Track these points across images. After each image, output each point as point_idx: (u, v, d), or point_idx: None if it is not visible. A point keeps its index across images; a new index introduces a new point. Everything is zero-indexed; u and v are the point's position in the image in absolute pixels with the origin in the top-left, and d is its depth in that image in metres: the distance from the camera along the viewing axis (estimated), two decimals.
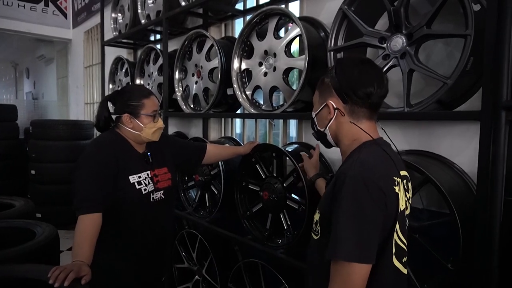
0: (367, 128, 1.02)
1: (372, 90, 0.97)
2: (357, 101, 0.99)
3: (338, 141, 1.08)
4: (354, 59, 1.05)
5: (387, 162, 0.98)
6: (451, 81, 1.20)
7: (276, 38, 1.88)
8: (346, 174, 0.91)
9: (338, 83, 1.00)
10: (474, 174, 1.44)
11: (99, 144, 1.60)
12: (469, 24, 1.16)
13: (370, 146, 0.99)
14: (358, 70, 0.99)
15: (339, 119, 1.03)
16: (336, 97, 1.02)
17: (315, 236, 1.04)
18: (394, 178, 0.94)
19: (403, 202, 0.96)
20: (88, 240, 1.36)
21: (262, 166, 2.02)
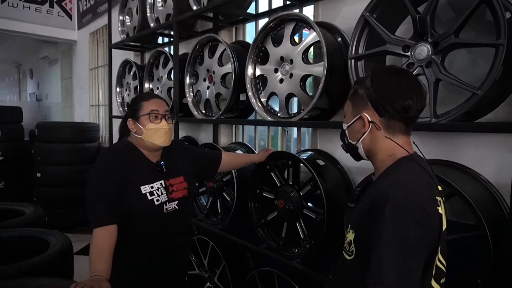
0: (402, 143, 0.97)
1: (410, 103, 0.92)
2: (394, 114, 0.94)
3: (371, 156, 1.02)
4: (391, 69, 1.00)
5: (428, 182, 0.93)
6: (482, 92, 1.17)
7: (293, 44, 1.84)
8: (388, 195, 0.85)
9: (374, 95, 0.95)
10: (499, 185, 1.41)
11: (108, 155, 1.56)
12: (502, 33, 1.13)
13: (408, 163, 0.94)
14: (396, 82, 0.94)
15: (374, 133, 0.98)
16: (371, 110, 0.97)
17: (347, 256, 0.97)
18: (436, 198, 0.90)
19: (444, 221, 0.93)
20: (104, 253, 1.33)
21: (277, 174, 1.99)
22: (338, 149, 2.03)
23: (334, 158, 2.01)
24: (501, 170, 1.41)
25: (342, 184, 1.92)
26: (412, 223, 0.82)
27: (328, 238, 1.75)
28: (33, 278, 1.28)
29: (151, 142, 1.53)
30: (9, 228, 1.89)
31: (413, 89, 0.93)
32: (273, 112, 2.01)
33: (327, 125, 1.92)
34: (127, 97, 3.53)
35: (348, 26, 1.85)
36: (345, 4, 1.94)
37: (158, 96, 1.63)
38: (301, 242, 1.88)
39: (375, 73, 0.98)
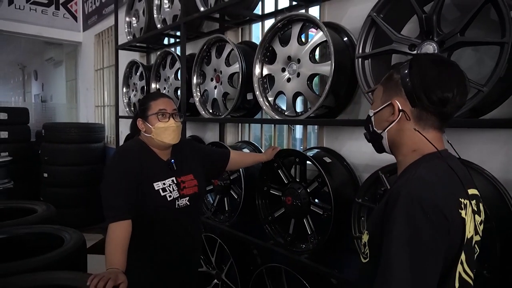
0: (431, 139, 0.87)
1: (449, 96, 0.82)
2: (429, 106, 0.84)
3: (395, 149, 0.94)
4: (434, 57, 0.90)
5: (452, 180, 0.83)
6: (487, 89, 1.20)
7: (300, 44, 1.88)
8: (400, 192, 0.78)
9: (410, 81, 0.85)
10: (504, 180, 1.44)
11: (122, 153, 1.62)
12: (507, 31, 1.16)
13: (432, 160, 0.85)
14: (438, 71, 0.84)
15: (402, 123, 0.89)
16: (404, 98, 0.87)
17: (363, 259, 0.90)
18: (460, 200, 0.80)
19: (471, 227, 0.82)
20: (120, 247, 1.37)
21: (285, 171, 2.03)
22: (344, 146, 2.06)
23: (340, 155, 2.04)
24: (506, 166, 1.44)
25: (349, 181, 1.95)
26: (425, 223, 0.74)
27: (336, 233, 1.78)
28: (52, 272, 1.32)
29: (161, 140, 1.57)
30: (24, 225, 1.93)
31: (456, 82, 0.84)
32: (281, 111, 2.05)
33: (335, 122, 1.96)
34: (133, 97, 3.57)
35: (354, 26, 1.89)
36: (351, 5, 1.98)
37: (165, 95, 1.67)
38: (309, 238, 1.91)
39: (416, 59, 0.89)
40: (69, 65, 7.18)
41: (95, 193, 4.74)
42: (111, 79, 5.21)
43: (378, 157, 1.83)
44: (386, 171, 1.58)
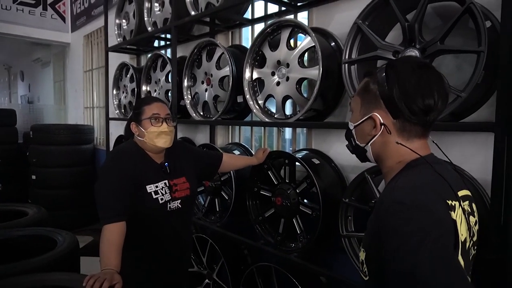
0: (416, 148, 0.84)
1: (431, 103, 0.79)
2: (411, 117, 0.81)
3: (380, 161, 0.91)
4: (409, 62, 0.85)
5: (437, 182, 0.79)
6: (465, 94, 1.27)
7: (289, 49, 1.94)
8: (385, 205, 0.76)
9: (389, 92, 0.81)
10: (483, 181, 1.51)
11: (117, 155, 1.64)
12: (482, 41, 1.23)
13: (416, 167, 0.83)
14: (416, 78, 0.80)
15: (385, 136, 0.86)
16: (384, 110, 0.84)
17: (363, 276, 0.86)
18: (447, 202, 0.76)
19: (464, 229, 0.78)
20: (115, 248, 1.40)
21: (275, 173, 2.08)
22: (332, 148, 2.12)
23: (328, 157, 2.10)
24: (484, 167, 1.52)
25: (337, 182, 2.01)
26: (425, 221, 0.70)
27: (324, 233, 1.84)
28: (46, 273, 1.34)
29: (153, 144, 1.61)
30: (16, 228, 1.94)
31: (436, 87, 0.80)
32: (270, 114, 2.10)
33: (323, 125, 2.02)
34: (124, 99, 3.58)
35: (341, 32, 1.95)
36: (338, 11, 2.04)
37: (159, 99, 1.70)
38: (298, 237, 1.97)
39: (391, 65, 0.84)
40: (57, 66, 7.11)
41: (84, 195, 4.73)
42: (101, 80, 5.19)
43: None
44: (371, 172, 1.64)
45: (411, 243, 0.68)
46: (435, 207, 0.73)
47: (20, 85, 10.29)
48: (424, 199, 0.73)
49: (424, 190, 0.76)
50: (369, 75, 0.90)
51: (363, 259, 0.85)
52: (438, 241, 0.68)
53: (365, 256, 0.84)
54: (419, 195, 0.74)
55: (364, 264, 0.84)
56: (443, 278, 0.65)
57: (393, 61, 0.88)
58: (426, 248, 0.67)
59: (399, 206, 0.73)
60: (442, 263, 0.66)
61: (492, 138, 1.24)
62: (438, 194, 0.76)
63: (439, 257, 0.67)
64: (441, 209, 0.74)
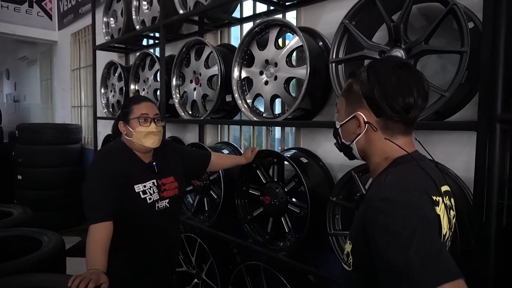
0: (402, 144, 0.87)
1: (411, 102, 0.83)
2: (393, 116, 0.85)
3: (366, 158, 0.95)
4: (389, 62, 0.88)
5: (423, 179, 0.83)
6: (448, 94, 1.29)
7: (277, 48, 1.94)
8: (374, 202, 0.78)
9: (371, 92, 0.85)
10: (466, 179, 1.54)
11: (105, 154, 1.63)
12: (465, 42, 1.25)
13: (402, 163, 0.86)
14: (396, 77, 0.83)
15: (370, 134, 0.89)
16: (367, 109, 0.88)
17: (347, 267, 0.89)
18: (432, 198, 0.80)
19: (445, 224, 0.82)
20: (101, 248, 1.38)
21: (263, 172, 2.09)
22: (320, 147, 2.14)
23: (316, 156, 2.12)
24: (468, 165, 1.55)
25: (325, 180, 2.03)
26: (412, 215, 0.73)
27: (312, 231, 1.86)
28: (30, 274, 1.32)
29: (141, 144, 1.60)
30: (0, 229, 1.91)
31: (415, 85, 0.84)
32: (259, 113, 2.11)
33: (311, 124, 2.03)
34: (112, 98, 3.55)
35: (328, 31, 1.96)
36: (326, 11, 2.06)
37: (148, 99, 1.69)
38: (286, 236, 1.98)
39: (372, 66, 0.88)
40: (44, 65, 7.01)
41: (72, 195, 4.67)
42: (88, 79, 5.13)
43: None
44: (358, 171, 1.66)
45: (401, 239, 0.70)
46: (421, 204, 0.75)
47: (6, 84, 10.10)
48: (412, 196, 0.76)
49: (411, 188, 0.79)
50: (352, 76, 0.93)
51: (348, 251, 0.88)
52: (425, 235, 0.71)
53: (351, 249, 0.86)
54: (407, 192, 0.77)
55: (350, 256, 0.87)
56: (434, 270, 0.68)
57: (374, 61, 0.92)
58: (415, 244, 0.69)
59: (388, 204, 0.76)
60: (431, 256, 0.69)
61: (475, 137, 1.27)
62: (424, 191, 0.79)
63: (428, 250, 0.69)
64: (427, 205, 0.77)
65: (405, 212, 0.74)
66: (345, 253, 0.90)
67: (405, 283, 0.69)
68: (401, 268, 0.69)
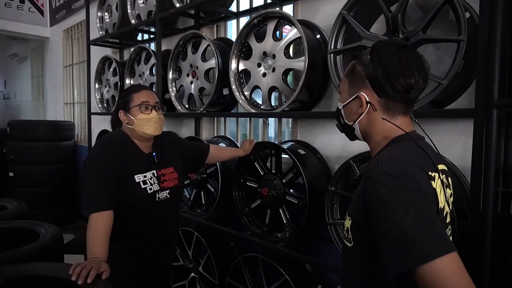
0: (400, 124, 0.91)
1: (412, 82, 0.85)
2: (394, 95, 0.88)
3: (367, 137, 0.97)
4: (392, 44, 0.91)
5: (420, 155, 0.86)
6: (446, 82, 1.32)
7: (275, 40, 1.95)
8: (374, 175, 0.81)
9: (374, 73, 0.88)
10: (462, 167, 1.57)
11: (104, 143, 1.62)
12: (462, 30, 1.28)
13: (400, 141, 0.90)
14: (398, 59, 0.86)
15: (371, 114, 0.92)
16: (369, 89, 0.90)
17: (348, 243, 0.92)
18: (428, 173, 0.83)
19: (442, 199, 0.85)
20: (102, 237, 1.38)
21: (261, 164, 2.09)
22: (317, 139, 2.15)
23: (314, 147, 2.13)
24: (463, 154, 1.58)
25: (322, 172, 2.04)
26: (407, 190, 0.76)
27: (310, 222, 1.87)
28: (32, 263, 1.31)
29: (143, 131, 1.59)
30: None
31: (416, 67, 0.86)
32: (256, 105, 2.11)
33: (309, 115, 2.04)
34: (106, 94, 3.52)
35: (326, 24, 1.98)
36: (323, 3, 2.07)
37: (148, 87, 1.69)
38: (284, 227, 1.99)
39: (375, 48, 0.91)
40: (35, 61, 6.92)
41: (65, 193, 4.63)
42: (82, 75, 5.09)
43: (349, 148, 1.95)
44: (356, 160, 1.68)
45: (398, 210, 0.74)
46: (417, 177, 0.78)
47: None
48: (408, 169, 0.79)
49: (407, 162, 0.82)
50: (356, 58, 0.96)
51: (348, 226, 0.91)
52: (421, 207, 0.74)
53: (351, 224, 0.90)
54: (403, 166, 0.80)
55: (350, 231, 0.91)
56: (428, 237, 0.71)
57: (376, 43, 0.93)
58: (411, 215, 0.72)
59: (385, 177, 0.79)
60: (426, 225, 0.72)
61: (471, 127, 1.29)
62: (420, 166, 0.82)
63: (423, 220, 0.73)
64: (423, 179, 0.80)
65: (401, 184, 0.77)
66: (345, 229, 0.94)
67: (402, 251, 0.72)
68: (398, 238, 0.73)
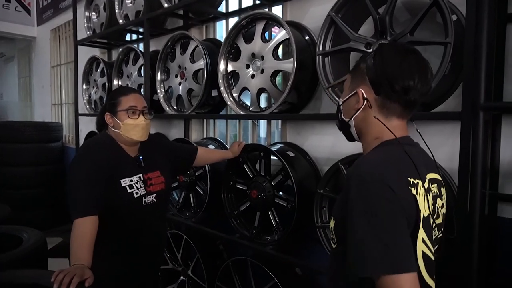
0: (393, 126, 0.89)
1: (411, 84, 0.84)
2: (391, 95, 0.87)
3: (361, 136, 0.97)
4: (398, 46, 0.91)
5: (403, 160, 0.85)
6: (433, 84, 1.31)
7: (264, 41, 1.94)
8: (350, 176, 0.82)
9: (374, 70, 0.88)
10: (450, 169, 1.58)
11: (90, 147, 1.59)
12: (449, 33, 1.28)
13: (387, 145, 0.89)
14: (400, 60, 0.86)
15: (367, 111, 0.91)
16: (368, 86, 0.90)
17: (333, 244, 0.93)
18: (409, 179, 0.82)
19: (426, 206, 0.83)
20: (86, 243, 1.35)
21: (250, 166, 2.08)
22: (306, 141, 2.15)
23: (303, 149, 2.12)
24: (451, 156, 1.58)
25: (311, 174, 2.03)
26: (377, 196, 0.76)
27: (299, 224, 1.86)
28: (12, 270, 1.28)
29: (129, 137, 1.56)
30: None
31: (417, 70, 0.86)
32: (245, 107, 2.10)
33: (297, 117, 2.03)
34: (94, 95, 3.47)
35: (314, 25, 1.97)
36: (312, 5, 2.06)
37: (137, 91, 1.66)
38: (274, 230, 1.97)
39: (380, 48, 0.90)
40: (22, 61, 6.81)
41: (53, 195, 4.55)
42: (69, 76, 5.01)
43: (338, 150, 1.94)
44: (345, 163, 1.67)
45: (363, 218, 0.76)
46: (393, 184, 0.78)
47: None
48: (384, 175, 0.79)
49: (384, 165, 0.82)
50: (361, 57, 0.97)
51: (332, 227, 0.92)
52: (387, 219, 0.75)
53: (334, 224, 0.91)
54: (380, 171, 0.80)
55: (333, 231, 0.91)
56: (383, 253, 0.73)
57: (382, 44, 0.93)
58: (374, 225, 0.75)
59: (359, 179, 0.80)
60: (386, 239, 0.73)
61: (459, 128, 1.29)
62: (400, 171, 0.82)
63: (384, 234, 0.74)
64: (400, 186, 0.79)
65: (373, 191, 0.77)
66: (329, 230, 0.95)
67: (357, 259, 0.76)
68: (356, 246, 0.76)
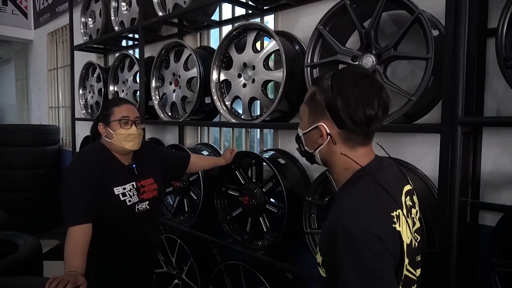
0: (359, 155, 0.90)
1: (372, 114, 0.84)
2: (354, 129, 0.86)
3: (328, 166, 0.97)
4: (351, 73, 0.90)
5: (382, 197, 0.84)
6: (415, 98, 1.36)
7: (255, 52, 1.98)
8: (337, 229, 0.80)
9: (334, 105, 0.86)
10: (434, 178, 1.63)
11: (84, 156, 1.63)
12: (430, 49, 1.33)
13: (362, 179, 0.88)
14: (358, 89, 0.85)
15: (331, 145, 0.91)
16: (330, 121, 0.89)
17: (322, 273, 0.90)
18: (392, 215, 0.82)
19: (407, 233, 0.84)
20: (80, 250, 1.39)
21: (242, 173, 2.12)
22: None
23: (294, 157, 2.17)
24: (435, 165, 1.63)
25: (301, 181, 2.08)
26: (367, 254, 0.76)
27: (289, 230, 1.91)
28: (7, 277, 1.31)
29: (121, 146, 1.61)
30: None
31: (376, 97, 0.86)
32: (237, 115, 2.14)
33: (287, 126, 2.08)
34: (90, 99, 3.51)
35: (305, 35, 2.01)
36: (302, 15, 2.11)
37: (129, 101, 1.70)
38: (265, 235, 2.02)
39: (336, 76, 0.89)
40: (19, 64, 6.83)
41: (49, 198, 4.57)
42: (66, 79, 5.04)
43: None
44: None
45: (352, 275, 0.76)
46: (381, 233, 0.78)
47: None
48: (371, 226, 0.78)
49: (368, 213, 0.80)
50: (316, 84, 0.94)
51: (319, 261, 0.89)
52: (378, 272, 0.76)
53: (322, 260, 0.88)
54: (365, 219, 0.79)
55: (321, 266, 0.89)
56: None
57: (336, 72, 0.92)
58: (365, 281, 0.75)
59: (347, 233, 0.78)
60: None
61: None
62: (381, 211, 0.82)
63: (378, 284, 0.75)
64: (385, 228, 0.80)
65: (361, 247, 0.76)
66: (318, 264, 0.91)
67: None
68: None
